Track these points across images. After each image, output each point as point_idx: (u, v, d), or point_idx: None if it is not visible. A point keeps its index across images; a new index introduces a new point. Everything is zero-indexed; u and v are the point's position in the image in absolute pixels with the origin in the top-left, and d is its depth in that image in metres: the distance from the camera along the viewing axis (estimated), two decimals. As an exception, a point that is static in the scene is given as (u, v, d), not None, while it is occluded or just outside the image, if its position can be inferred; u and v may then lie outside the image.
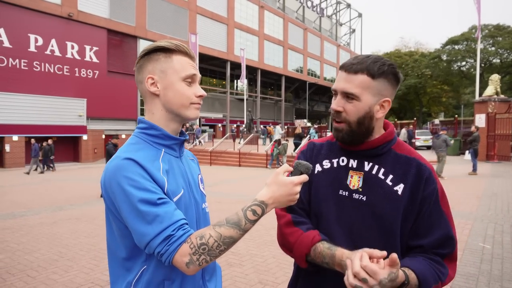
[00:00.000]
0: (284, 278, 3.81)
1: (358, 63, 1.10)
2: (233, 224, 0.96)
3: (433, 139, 11.92)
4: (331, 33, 57.43)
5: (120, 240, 1.04)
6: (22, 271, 4.16)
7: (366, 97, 1.10)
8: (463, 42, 39.72)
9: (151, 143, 1.08)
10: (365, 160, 1.18)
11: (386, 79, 1.11)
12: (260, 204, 0.99)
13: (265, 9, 40.37)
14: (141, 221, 0.94)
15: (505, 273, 3.88)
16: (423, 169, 1.13)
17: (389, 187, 1.13)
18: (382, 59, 1.12)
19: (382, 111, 1.14)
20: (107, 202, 1.03)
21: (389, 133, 1.19)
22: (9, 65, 19.46)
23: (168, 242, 0.93)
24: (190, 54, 1.12)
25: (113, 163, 1.00)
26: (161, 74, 1.08)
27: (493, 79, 17.77)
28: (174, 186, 1.05)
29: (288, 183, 1.01)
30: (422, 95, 48.80)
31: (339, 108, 1.13)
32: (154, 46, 1.10)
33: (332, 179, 1.20)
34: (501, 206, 7.31)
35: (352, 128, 1.13)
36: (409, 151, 1.19)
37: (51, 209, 7.89)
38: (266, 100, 46.59)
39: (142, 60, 1.10)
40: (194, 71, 1.11)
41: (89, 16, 23.14)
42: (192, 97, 1.10)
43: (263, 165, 17.22)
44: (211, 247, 0.94)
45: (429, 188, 1.11)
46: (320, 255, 1.09)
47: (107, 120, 24.39)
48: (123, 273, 1.05)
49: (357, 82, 1.09)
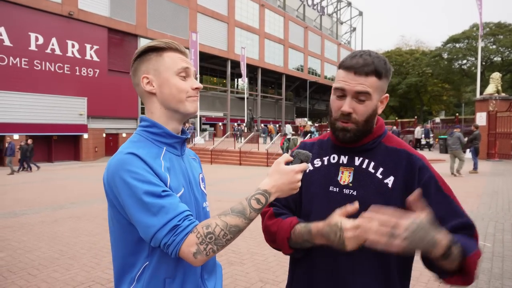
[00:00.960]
0: (284, 277, 3.81)
1: (366, 65, 1.09)
2: (238, 213, 0.97)
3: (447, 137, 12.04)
4: (331, 32, 57.34)
5: (123, 236, 1.04)
6: (23, 269, 4.17)
7: (375, 97, 1.12)
8: (464, 40, 39.58)
9: (153, 141, 1.09)
10: (356, 156, 1.19)
11: (386, 78, 1.14)
12: (264, 193, 0.99)
13: (266, 8, 40.31)
14: (146, 213, 0.94)
15: (505, 271, 3.88)
16: (414, 159, 1.13)
17: (379, 180, 1.13)
18: (381, 57, 1.13)
19: (382, 106, 1.18)
20: (110, 197, 1.03)
21: (379, 127, 1.20)
22: (10, 64, 19.47)
23: (174, 232, 0.93)
24: (180, 50, 1.13)
25: (115, 158, 1.00)
26: (155, 73, 1.09)
27: (494, 78, 17.73)
28: (175, 184, 1.05)
29: (289, 171, 1.02)
30: (423, 93, 48.70)
31: (351, 109, 1.12)
32: (145, 47, 1.11)
33: (322, 177, 1.21)
34: (501, 204, 7.31)
35: (359, 127, 1.13)
36: (399, 143, 1.19)
37: (52, 207, 7.91)
38: (266, 98, 46.58)
39: (136, 63, 1.12)
40: (186, 64, 1.11)
41: (89, 14, 23.13)
42: (188, 89, 1.11)
43: (264, 163, 17.22)
44: (217, 236, 0.94)
45: (425, 177, 1.11)
46: (299, 235, 1.11)
47: (108, 118, 24.40)
48: (126, 269, 1.06)
49: (368, 84, 1.10)
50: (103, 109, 23.68)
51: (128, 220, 1.01)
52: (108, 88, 23.88)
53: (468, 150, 13.11)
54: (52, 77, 21.21)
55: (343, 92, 1.13)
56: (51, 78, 21.14)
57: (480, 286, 3.52)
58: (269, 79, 47.39)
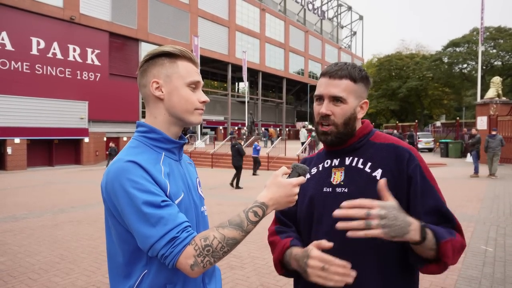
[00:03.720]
0: (285, 281, 3.79)
1: (340, 69, 1.19)
2: (235, 226, 0.97)
3: (486, 140, 11.98)
4: (332, 36, 57.50)
5: (120, 245, 1.03)
6: (24, 274, 4.16)
7: (351, 100, 1.19)
8: (464, 45, 39.62)
9: (151, 147, 1.08)
10: (346, 156, 1.25)
11: (363, 83, 1.22)
12: (261, 206, 1.01)
13: (266, 12, 40.47)
14: (145, 224, 0.93)
15: (507, 276, 3.86)
16: (401, 151, 1.18)
17: (368, 174, 1.17)
18: (357, 65, 1.23)
19: (362, 112, 1.25)
20: (108, 205, 1.02)
21: (364, 127, 1.27)
22: (12, 68, 19.55)
23: (172, 244, 0.93)
24: (194, 60, 1.13)
25: (115, 165, 0.99)
26: (166, 79, 1.08)
27: (494, 82, 17.73)
28: (175, 189, 1.05)
29: (286, 184, 1.04)
30: (424, 97, 48.69)
31: (328, 111, 1.19)
32: (159, 50, 1.10)
33: (317, 181, 1.27)
34: (503, 208, 7.28)
35: (339, 130, 1.20)
36: (386, 138, 1.25)
37: (53, 211, 7.90)
38: (267, 102, 46.63)
39: (146, 64, 1.10)
40: (198, 78, 1.12)
41: (91, 19, 23.24)
42: (196, 103, 1.11)
43: (265, 167, 17.20)
44: (215, 249, 0.94)
45: (412, 165, 1.14)
46: (290, 260, 1.16)
47: (109, 122, 24.44)
48: (122, 279, 1.04)
49: (343, 87, 1.18)
50: (104, 113, 23.72)
51: (126, 228, 1.00)
52: (109, 92, 23.94)
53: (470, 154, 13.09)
54: (53, 81, 21.28)
55: (321, 97, 1.21)
56: (53, 82, 21.21)
57: (482, 291, 3.50)
58: (269, 83, 47.47)
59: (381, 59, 51.23)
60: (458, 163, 16.54)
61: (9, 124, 18.78)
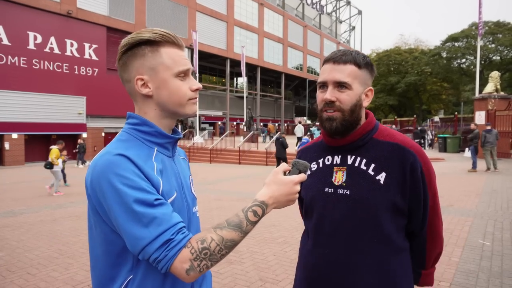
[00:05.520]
0: (284, 275, 3.81)
1: (345, 55, 1.15)
2: (234, 226, 0.91)
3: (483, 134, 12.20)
4: (331, 31, 57.29)
5: (104, 246, 0.94)
6: (22, 269, 4.16)
7: (356, 86, 1.15)
8: (463, 39, 39.57)
9: (143, 141, 0.99)
10: (348, 154, 1.19)
11: (367, 70, 1.19)
12: (261, 205, 0.95)
13: (265, 7, 40.24)
14: (137, 224, 0.85)
15: (505, 270, 3.89)
16: (407, 154, 1.13)
17: (371, 177, 1.14)
18: (361, 52, 1.20)
19: (367, 99, 1.21)
20: (93, 202, 0.92)
21: (368, 123, 1.21)
22: (8, 63, 19.40)
23: (167, 247, 0.85)
24: (178, 44, 1.01)
25: (103, 158, 0.90)
26: (151, 72, 0.97)
27: (493, 76, 17.73)
28: (168, 188, 0.96)
29: (287, 182, 0.98)
30: (422, 92, 48.71)
31: (333, 97, 1.14)
32: (138, 38, 0.97)
33: (318, 179, 1.22)
34: (500, 203, 7.31)
35: (346, 117, 1.15)
36: (392, 136, 1.19)
37: (51, 207, 7.89)
38: (266, 97, 46.53)
39: (125, 56, 0.98)
40: (187, 65, 1.01)
41: (88, 13, 23.06)
42: (189, 92, 1.01)
43: (263, 162, 17.22)
44: (213, 252, 0.87)
45: (415, 173, 1.12)
46: None
47: (107, 117, 24.34)
48: (105, 282, 0.95)
49: (348, 72, 1.14)
50: (102, 108, 23.62)
51: (112, 228, 0.91)
52: (107, 87, 23.80)
53: (468, 149, 13.13)
54: (50, 76, 21.14)
55: (325, 84, 1.17)
56: (50, 77, 21.07)
57: (479, 285, 3.52)
58: (268, 78, 47.34)
59: (380, 54, 51.15)
60: (456, 158, 16.58)
61: (7, 119, 18.70)
